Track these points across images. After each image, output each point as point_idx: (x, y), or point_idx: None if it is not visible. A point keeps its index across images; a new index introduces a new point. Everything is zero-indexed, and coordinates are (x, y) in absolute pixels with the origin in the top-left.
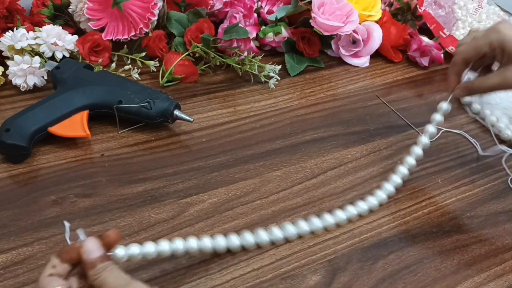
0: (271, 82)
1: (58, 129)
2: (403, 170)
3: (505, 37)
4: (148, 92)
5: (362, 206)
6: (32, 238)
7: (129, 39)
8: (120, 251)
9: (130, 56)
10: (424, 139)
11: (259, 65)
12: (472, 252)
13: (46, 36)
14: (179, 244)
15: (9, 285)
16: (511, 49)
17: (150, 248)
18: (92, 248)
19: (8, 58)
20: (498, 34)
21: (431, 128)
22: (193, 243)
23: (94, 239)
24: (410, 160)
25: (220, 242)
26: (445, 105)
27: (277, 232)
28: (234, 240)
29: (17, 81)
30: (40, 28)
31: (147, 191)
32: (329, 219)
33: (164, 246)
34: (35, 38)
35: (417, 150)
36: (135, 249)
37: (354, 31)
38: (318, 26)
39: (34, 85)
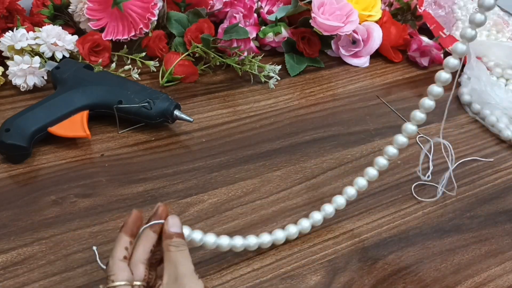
0: (271, 82)
1: (58, 129)
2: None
3: None
4: (148, 92)
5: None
6: (32, 238)
7: (129, 39)
8: (197, 235)
9: (130, 56)
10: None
11: (259, 65)
12: (472, 252)
13: (46, 36)
14: (251, 240)
15: (9, 285)
16: None
17: (224, 241)
18: (174, 222)
19: (8, 58)
20: None
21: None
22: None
23: (175, 216)
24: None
25: (279, 235)
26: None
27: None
28: (292, 229)
29: (17, 81)
30: (40, 28)
31: (147, 191)
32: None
33: (238, 241)
34: (35, 38)
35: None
36: (210, 238)
37: (354, 31)
38: (318, 26)
39: (34, 85)
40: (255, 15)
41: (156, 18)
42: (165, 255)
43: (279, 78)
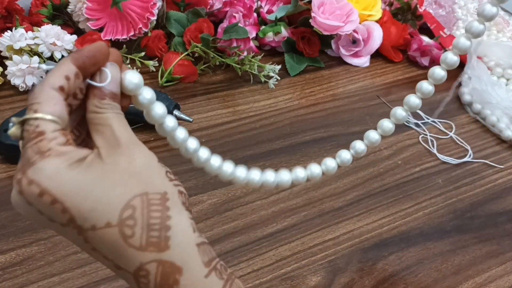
0: (271, 82)
1: None
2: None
3: None
4: None
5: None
6: (31, 239)
7: (128, 39)
8: (147, 93)
9: (129, 56)
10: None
11: (258, 65)
12: (472, 253)
13: (45, 36)
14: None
15: (8, 286)
16: None
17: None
18: (115, 75)
19: (6, 58)
20: None
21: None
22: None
23: (117, 67)
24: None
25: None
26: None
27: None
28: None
29: (16, 81)
30: (39, 28)
31: None
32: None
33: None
34: (33, 38)
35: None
36: (160, 108)
37: (354, 30)
38: (318, 26)
39: (33, 85)
40: (255, 14)
41: (155, 17)
42: (91, 118)
43: (279, 78)
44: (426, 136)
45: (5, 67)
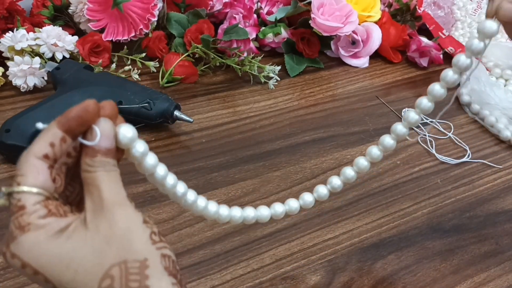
0: (271, 82)
1: None
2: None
3: None
4: (148, 92)
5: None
6: None
7: (129, 40)
8: (140, 146)
9: (130, 57)
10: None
11: (258, 66)
12: (471, 252)
13: (46, 37)
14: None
15: (9, 286)
16: None
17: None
18: (107, 131)
19: (8, 59)
20: None
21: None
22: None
23: (110, 122)
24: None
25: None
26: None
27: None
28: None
29: (17, 81)
30: (40, 29)
31: (147, 192)
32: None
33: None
34: (35, 39)
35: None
36: (151, 159)
37: (354, 31)
38: (318, 27)
39: (34, 86)
40: (255, 15)
41: (156, 18)
42: (84, 177)
43: (278, 79)
44: (425, 136)
45: (6, 67)
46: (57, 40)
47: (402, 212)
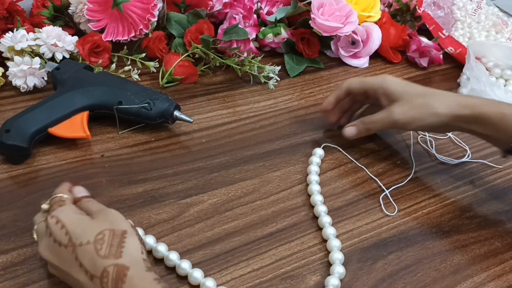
0: (271, 82)
1: (58, 130)
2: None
3: (389, 85)
4: (148, 93)
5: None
6: (32, 239)
7: (129, 40)
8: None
9: (130, 57)
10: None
11: (258, 66)
12: (471, 252)
13: (46, 37)
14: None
15: (9, 286)
16: (392, 93)
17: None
18: (79, 189)
19: (8, 59)
20: (383, 80)
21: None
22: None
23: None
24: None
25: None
26: (319, 151)
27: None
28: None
29: (17, 82)
30: (40, 29)
31: (147, 192)
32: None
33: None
34: (35, 39)
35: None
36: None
37: (354, 32)
38: (318, 27)
39: (34, 86)
40: (255, 16)
41: (156, 19)
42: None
43: (278, 79)
44: (425, 136)
45: (6, 68)
46: (57, 40)
47: (402, 212)
